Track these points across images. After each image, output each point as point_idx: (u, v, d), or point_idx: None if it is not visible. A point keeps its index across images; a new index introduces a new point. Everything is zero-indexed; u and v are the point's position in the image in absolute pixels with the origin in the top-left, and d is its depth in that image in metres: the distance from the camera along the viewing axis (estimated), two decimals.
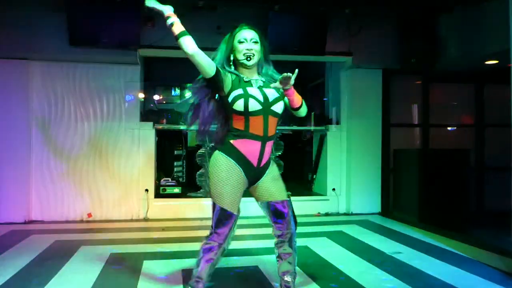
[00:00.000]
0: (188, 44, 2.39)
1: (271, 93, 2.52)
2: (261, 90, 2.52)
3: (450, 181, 5.99)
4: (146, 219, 5.92)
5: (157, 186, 6.24)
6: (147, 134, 6.06)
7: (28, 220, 5.67)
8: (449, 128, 7.23)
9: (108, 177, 5.93)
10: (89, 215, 5.85)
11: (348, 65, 6.43)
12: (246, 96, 2.43)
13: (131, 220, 5.89)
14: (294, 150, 7.67)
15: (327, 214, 6.41)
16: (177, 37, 2.40)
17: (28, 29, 5.52)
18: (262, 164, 2.56)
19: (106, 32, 5.42)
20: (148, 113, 6.60)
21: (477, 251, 4.34)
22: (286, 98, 2.53)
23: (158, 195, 6.16)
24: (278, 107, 2.52)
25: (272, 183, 2.63)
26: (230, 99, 2.46)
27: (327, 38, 5.94)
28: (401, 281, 3.40)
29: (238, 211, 2.54)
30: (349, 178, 6.51)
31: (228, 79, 2.49)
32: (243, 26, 2.60)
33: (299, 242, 3.06)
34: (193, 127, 2.67)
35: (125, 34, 5.51)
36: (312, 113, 7.02)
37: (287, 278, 2.68)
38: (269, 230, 2.76)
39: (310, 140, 7.52)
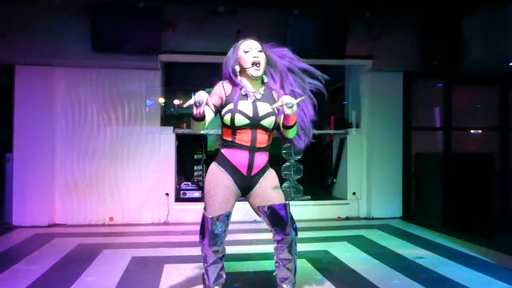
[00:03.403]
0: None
1: (263, 108, 2.56)
2: (254, 104, 2.57)
3: (474, 185, 5.87)
4: (166, 223, 5.96)
5: (178, 190, 6.29)
6: (168, 139, 6.11)
7: (52, 224, 5.78)
8: (472, 132, 7.10)
9: (130, 181, 6.00)
10: (111, 219, 5.92)
11: (368, 69, 6.38)
12: (234, 112, 2.52)
13: (152, 224, 5.95)
14: (314, 154, 7.63)
15: (347, 218, 6.35)
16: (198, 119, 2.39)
17: (52, 36, 5.63)
18: (253, 173, 2.61)
19: (128, 38, 5.54)
20: (168, 118, 6.65)
21: (503, 256, 4.24)
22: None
23: (178, 199, 6.21)
24: (268, 122, 2.56)
25: (268, 189, 2.64)
26: (222, 113, 2.59)
27: (347, 41, 5.91)
28: (424, 287, 3.34)
29: (219, 213, 2.57)
30: (370, 182, 6.44)
31: (219, 100, 2.59)
32: (246, 38, 2.66)
33: (319, 246, 3.06)
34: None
35: (146, 40, 5.60)
36: (332, 117, 6.98)
37: (286, 286, 2.66)
38: None
39: (330, 144, 7.48)
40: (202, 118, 2.38)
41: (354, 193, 6.51)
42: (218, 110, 2.59)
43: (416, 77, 6.52)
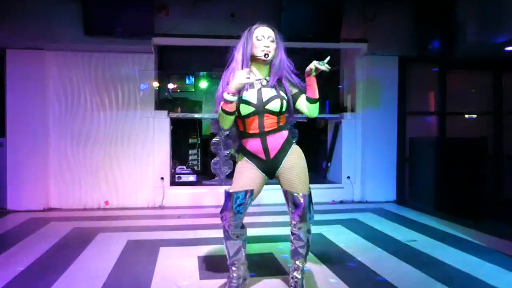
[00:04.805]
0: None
1: (267, 93, 2.67)
2: (259, 91, 2.67)
3: (467, 170, 5.91)
4: (161, 207, 5.99)
5: (173, 174, 6.30)
6: (162, 123, 6.09)
7: (47, 208, 5.78)
8: (466, 116, 7.12)
9: (124, 165, 5.99)
10: (106, 202, 5.93)
11: (363, 52, 6.36)
12: (239, 102, 2.62)
13: (147, 208, 5.96)
14: (308, 138, 7.65)
15: (341, 202, 6.39)
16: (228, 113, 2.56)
17: (44, 19, 5.57)
18: (272, 156, 2.72)
19: (121, 21, 5.47)
20: (162, 102, 6.62)
21: (494, 240, 4.30)
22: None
23: (173, 183, 6.22)
24: (274, 105, 2.66)
25: (292, 174, 2.73)
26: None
27: (342, 24, 5.88)
28: (416, 269, 3.39)
29: (239, 190, 2.67)
30: (364, 166, 6.47)
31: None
32: (260, 23, 2.73)
33: (314, 229, 3.07)
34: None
35: (139, 23, 5.54)
36: (327, 101, 6.97)
37: (296, 274, 2.80)
38: (282, 218, 2.79)
39: (324, 128, 7.49)
40: (234, 112, 2.56)
41: (348, 177, 6.54)
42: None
43: (411, 62, 6.51)
